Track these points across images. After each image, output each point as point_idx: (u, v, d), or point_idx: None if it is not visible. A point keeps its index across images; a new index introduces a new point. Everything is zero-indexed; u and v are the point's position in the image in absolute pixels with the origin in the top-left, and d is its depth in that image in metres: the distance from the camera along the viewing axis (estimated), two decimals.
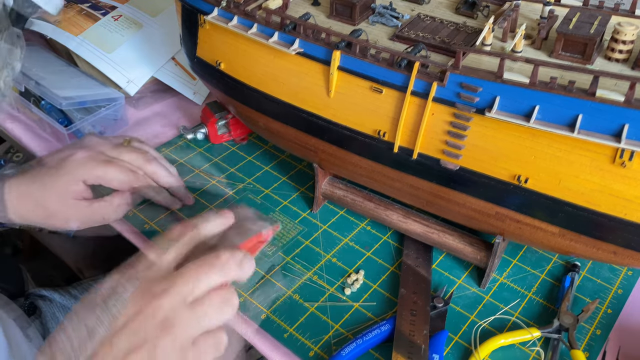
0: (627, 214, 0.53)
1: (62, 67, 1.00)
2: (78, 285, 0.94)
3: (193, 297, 0.46)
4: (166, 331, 0.45)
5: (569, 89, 0.52)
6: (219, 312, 0.47)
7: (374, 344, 0.62)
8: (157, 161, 0.75)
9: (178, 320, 0.45)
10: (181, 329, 0.45)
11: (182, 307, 0.46)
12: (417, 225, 0.71)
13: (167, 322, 0.45)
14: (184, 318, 0.46)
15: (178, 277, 0.47)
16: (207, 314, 0.47)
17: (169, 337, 0.45)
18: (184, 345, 0.45)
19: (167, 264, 0.48)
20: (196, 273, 0.47)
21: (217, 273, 0.48)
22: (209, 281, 0.47)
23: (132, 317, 0.45)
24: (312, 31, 0.64)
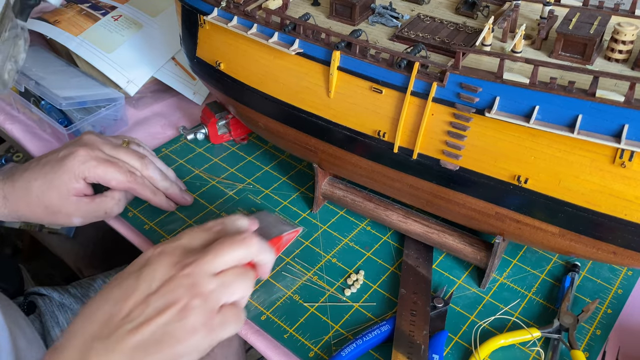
0: (627, 214, 0.53)
1: (62, 67, 1.00)
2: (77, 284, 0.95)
3: (219, 269, 0.51)
4: (196, 294, 0.49)
5: (569, 89, 0.52)
6: (241, 285, 0.52)
7: (374, 345, 0.62)
8: (153, 165, 0.75)
9: (206, 286, 0.50)
10: (209, 294, 0.50)
11: (209, 275, 0.50)
12: (417, 225, 0.71)
13: (196, 287, 0.49)
14: (212, 285, 0.50)
15: (207, 251, 0.52)
16: (232, 284, 0.51)
17: (199, 299, 0.49)
18: (211, 309, 0.50)
19: (196, 244, 0.53)
20: (223, 247, 0.52)
21: (242, 249, 0.52)
22: (234, 255, 0.52)
23: (165, 282, 0.49)
24: (311, 31, 0.64)
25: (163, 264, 0.51)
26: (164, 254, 0.52)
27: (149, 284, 0.50)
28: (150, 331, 0.47)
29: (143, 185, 0.73)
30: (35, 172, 0.70)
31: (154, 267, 0.51)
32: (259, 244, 0.54)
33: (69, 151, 0.70)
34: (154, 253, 0.52)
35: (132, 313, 0.48)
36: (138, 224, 0.77)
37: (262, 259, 0.55)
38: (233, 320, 0.51)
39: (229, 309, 0.51)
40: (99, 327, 0.48)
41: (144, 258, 0.52)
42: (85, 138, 0.72)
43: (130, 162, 0.73)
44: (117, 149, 0.73)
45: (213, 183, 0.83)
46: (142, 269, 0.51)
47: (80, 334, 0.48)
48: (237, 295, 0.52)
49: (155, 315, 0.48)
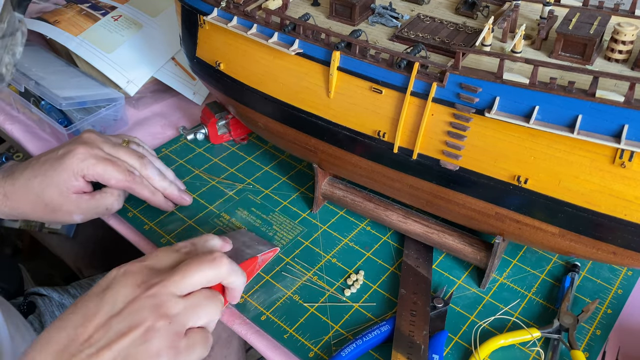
0: (627, 215, 0.53)
1: (62, 67, 1.00)
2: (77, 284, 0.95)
3: (187, 290, 0.50)
4: (162, 315, 0.47)
5: (569, 89, 0.52)
6: (208, 309, 0.50)
7: (374, 345, 0.62)
8: (152, 165, 0.75)
9: (172, 308, 0.48)
10: (175, 316, 0.48)
11: (176, 297, 0.49)
12: (417, 225, 0.71)
13: (161, 308, 0.47)
14: (178, 307, 0.48)
15: (174, 271, 0.50)
16: (199, 307, 0.50)
17: (164, 321, 0.47)
18: (177, 332, 0.48)
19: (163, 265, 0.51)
20: (191, 268, 0.50)
21: (211, 270, 0.51)
22: (203, 276, 0.50)
23: (129, 303, 0.48)
24: (311, 32, 0.64)
25: (127, 285, 0.49)
26: (128, 273, 0.50)
27: (111, 305, 0.48)
28: (112, 356, 0.45)
29: (142, 185, 0.73)
30: (35, 170, 0.70)
31: (117, 289, 0.49)
32: (229, 266, 0.52)
33: (68, 149, 0.70)
34: (117, 273, 0.50)
35: (93, 337, 0.46)
36: (138, 224, 0.77)
37: (232, 282, 0.54)
38: (200, 344, 0.49)
39: (197, 332, 0.50)
40: (56, 354, 0.46)
41: (108, 279, 0.50)
42: (85, 136, 0.72)
43: (129, 162, 0.73)
44: (116, 147, 0.73)
45: (213, 183, 0.83)
46: (105, 291, 0.49)
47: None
48: (204, 319, 0.50)
49: (117, 339, 0.46)
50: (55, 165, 0.69)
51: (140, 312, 0.47)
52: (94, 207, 0.72)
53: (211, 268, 0.51)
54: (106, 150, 0.72)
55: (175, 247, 0.55)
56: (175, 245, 0.55)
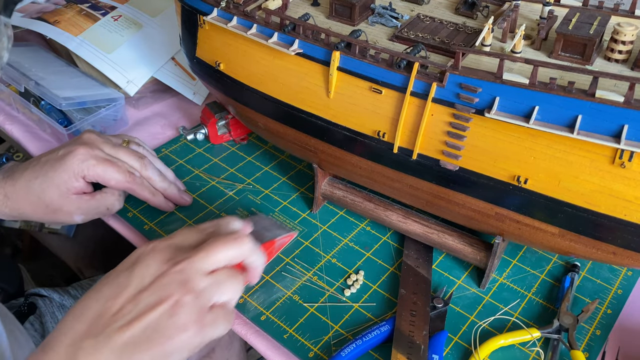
0: (627, 215, 0.53)
1: (62, 67, 1.00)
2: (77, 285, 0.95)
3: (212, 267, 0.51)
4: (188, 290, 0.49)
5: (569, 89, 0.52)
6: (232, 286, 0.52)
7: (374, 345, 0.62)
8: (152, 165, 0.75)
9: (198, 284, 0.50)
10: (201, 291, 0.50)
11: (202, 273, 0.50)
12: (416, 225, 0.71)
13: (188, 283, 0.49)
14: (204, 282, 0.50)
15: (199, 249, 0.51)
16: (223, 284, 0.51)
17: (191, 295, 0.49)
18: (203, 306, 0.50)
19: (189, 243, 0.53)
20: (215, 246, 0.52)
21: (234, 248, 0.52)
22: (226, 254, 0.52)
23: (157, 277, 0.49)
24: (311, 32, 0.64)
25: (155, 261, 0.51)
26: (156, 250, 0.52)
27: (140, 280, 0.49)
28: (141, 328, 0.47)
29: (142, 186, 0.73)
30: (35, 171, 0.70)
31: (145, 264, 0.50)
32: (251, 245, 0.54)
33: (68, 150, 0.70)
34: (145, 250, 0.52)
35: (123, 310, 0.48)
36: (138, 224, 0.77)
37: (253, 261, 0.55)
38: (223, 319, 0.51)
39: (220, 308, 0.51)
40: (87, 326, 0.47)
41: (136, 255, 0.52)
42: (85, 137, 0.72)
43: (129, 162, 0.73)
44: (116, 148, 0.73)
45: (213, 183, 0.83)
46: (133, 265, 0.51)
47: (69, 333, 0.47)
48: (228, 295, 0.52)
49: (147, 311, 0.48)
50: (55, 166, 0.69)
51: (168, 287, 0.49)
52: (94, 208, 0.72)
53: (234, 247, 0.52)
54: (106, 151, 0.72)
55: (199, 227, 0.56)
56: (199, 225, 0.57)
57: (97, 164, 0.70)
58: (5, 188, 0.70)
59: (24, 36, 1.14)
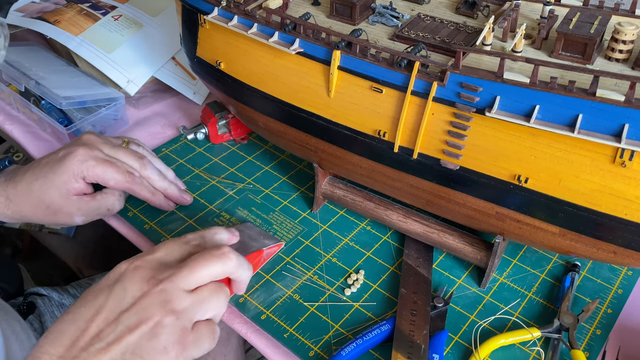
0: (628, 214, 0.53)
1: (62, 67, 1.00)
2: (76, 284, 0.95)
3: (194, 285, 0.50)
4: (170, 311, 0.48)
5: (569, 88, 0.52)
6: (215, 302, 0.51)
7: (374, 344, 0.62)
8: (152, 165, 0.75)
9: (180, 303, 0.48)
10: (183, 311, 0.49)
11: (184, 292, 0.49)
12: (417, 225, 0.71)
13: (170, 304, 0.48)
14: (186, 302, 0.49)
15: (182, 266, 0.50)
16: (206, 301, 0.50)
17: (172, 316, 0.48)
18: (184, 327, 0.49)
19: (173, 258, 0.52)
20: (199, 263, 0.51)
21: (218, 265, 0.51)
22: (211, 271, 0.51)
23: (138, 298, 0.48)
24: (312, 31, 0.64)
25: (136, 280, 0.49)
26: (137, 269, 0.50)
27: (120, 300, 0.48)
28: (120, 351, 0.46)
29: (141, 186, 0.73)
30: (35, 173, 0.70)
31: (126, 284, 0.49)
32: (237, 260, 0.53)
33: (68, 151, 0.70)
34: (128, 267, 0.51)
35: (103, 332, 0.47)
36: (138, 224, 0.77)
37: (239, 276, 0.54)
38: (207, 337, 0.50)
39: (203, 326, 0.50)
40: (65, 350, 0.46)
41: (117, 272, 0.51)
42: (84, 138, 0.72)
43: (129, 163, 0.73)
44: (116, 149, 0.73)
45: (213, 183, 0.83)
46: (114, 284, 0.49)
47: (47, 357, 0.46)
48: (212, 312, 0.51)
49: (126, 333, 0.46)
50: (55, 168, 0.69)
51: (149, 308, 0.48)
52: (95, 208, 0.72)
53: (219, 263, 0.52)
54: (106, 152, 0.72)
55: (184, 239, 0.55)
56: (184, 237, 0.55)
57: (97, 164, 0.70)
58: (7, 191, 0.70)
59: (24, 36, 1.14)
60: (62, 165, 0.69)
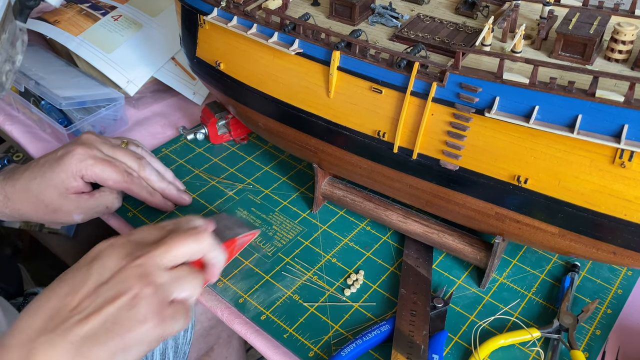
0: (627, 215, 0.53)
1: (62, 67, 1.00)
2: None
3: (171, 263, 0.51)
4: (148, 283, 0.49)
5: (569, 89, 0.52)
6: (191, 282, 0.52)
7: (374, 345, 0.62)
8: (150, 166, 0.75)
9: (158, 278, 0.50)
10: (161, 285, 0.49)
11: (161, 268, 0.50)
12: (416, 225, 0.71)
13: (148, 277, 0.49)
14: (164, 277, 0.50)
15: (159, 244, 0.51)
16: (183, 279, 0.51)
17: (151, 288, 0.49)
18: (162, 300, 0.49)
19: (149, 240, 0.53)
20: (175, 241, 0.52)
21: (194, 243, 0.53)
22: (186, 249, 0.52)
23: (116, 272, 0.49)
24: (311, 31, 0.64)
25: (114, 256, 0.50)
26: (114, 246, 0.51)
27: (99, 275, 0.49)
28: (100, 321, 0.47)
29: (140, 186, 0.73)
30: (34, 172, 0.70)
31: (104, 259, 0.50)
32: (211, 241, 0.54)
33: (66, 150, 0.70)
34: (103, 246, 0.52)
35: (81, 304, 0.48)
36: (138, 224, 0.77)
37: (213, 257, 0.55)
38: (183, 314, 0.51)
39: (180, 304, 0.51)
40: (44, 321, 0.47)
41: (94, 252, 0.52)
42: (83, 137, 0.72)
43: (127, 163, 0.73)
44: (114, 149, 0.73)
45: (213, 183, 0.83)
46: (92, 262, 0.51)
47: (24, 330, 0.47)
48: (187, 292, 0.52)
49: (105, 305, 0.47)
50: (54, 167, 0.69)
51: (128, 281, 0.49)
52: (93, 207, 0.73)
53: (194, 242, 0.53)
54: (104, 152, 0.72)
55: (159, 225, 0.56)
56: (159, 223, 0.56)
57: (95, 163, 0.70)
58: (5, 189, 0.71)
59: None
60: (61, 164, 0.69)
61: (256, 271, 0.70)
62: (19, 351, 0.45)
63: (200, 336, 0.90)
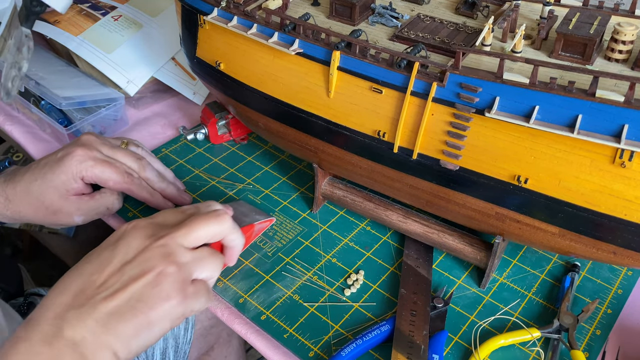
0: (627, 214, 0.53)
1: (62, 67, 1.00)
2: None
3: (193, 243, 0.53)
4: (171, 262, 0.50)
5: (569, 89, 0.52)
6: (212, 263, 0.54)
7: (374, 345, 0.62)
8: (151, 166, 0.75)
9: (180, 257, 0.51)
10: (184, 264, 0.51)
11: (183, 248, 0.52)
12: (417, 225, 0.71)
13: (171, 256, 0.51)
14: (186, 257, 0.52)
15: (181, 225, 0.53)
16: (204, 260, 0.53)
17: (174, 266, 0.50)
18: (185, 279, 0.51)
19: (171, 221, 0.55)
20: (196, 221, 0.53)
21: (215, 225, 0.54)
22: (207, 230, 0.54)
23: (140, 251, 0.51)
24: (311, 31, 0.64)
25: (137, 237, 0.52)
26: (137, 228, 0.53)
27: (123, 255, 0.51)
28: (125, 298, 0.48)
29: (140, 187, 0.73)
30: (35, 174, 0.70)
31: (129, 240, 0.52)
32: (231, 222, 0.56)
33: (66, 151, 0.70)
34: (127, 228, 0.53)
35: (108, 282, 0.49)
36: None
37: (232, 239, 0.57)
38: (205, 293, 0.53)
39: (201, 283, 0.53)
40: (72, 298, 0.48)
41: (118, 233, 0.53)
42: (83, 138, 0.72)
43: (127, 163, 0.73)
44: (114, 149, 0.73)
45: (213, 183, 0.83)
46: (116, 242, 0.52)
47: (52, 307, 0.48)
48: (208, 272, 0.53)
49: (131, 282, 0.49)
50: (54, 168, 0.69)
51: (152, 259, 0.50)
52: (94, 208, 0.73)
53: (215, 223, 0.54)
54: (104, 152, 0.72)
55: (180, 209, 0.58)
56: (180, 207, 0.58)
57: (95, 165, 0.70)
58: (6, 191, 0.71)
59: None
60: (61, 166, 0.69)
61: (256, 271, 0.70)
62: (48, 326, 0.47)
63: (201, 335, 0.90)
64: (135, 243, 0.52)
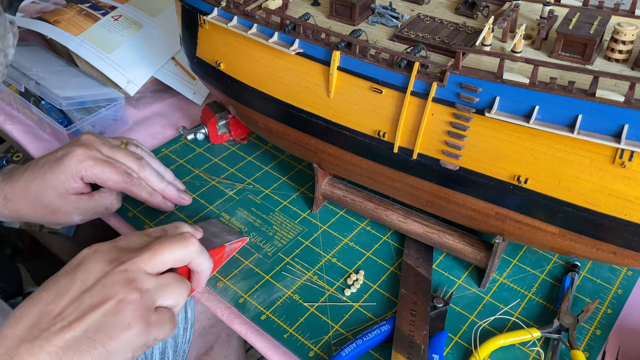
0: (627, 214, 0.53)
1: (62, 67, 1.00)
2: None
3: (157, 268, 0.50)
4: (133, 289, 0.48)
5: (569, 89, 0.52)
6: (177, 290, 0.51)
7: (374, 345, 0.62)
8: (150, 166, 0.75)
9: (144, 284, 0.48)
10: (147, 291, 0.49)
11: (147, 274, 0.49)
12: (417, 225, 0.71)
13: (134, 283, 0.48)
14: (149, 283, 0.49)
15: (145, 249, 0.50)
16: (168, 287, 0.50)
17: (137, 293, 0.48)
18: (149, 306, 0.48)
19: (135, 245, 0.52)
20: (161, 246, 0.51)
21: (180, 249, 0.52)
22: (172, 255, 0.51)
23: (101, 277, 0.48)
24: (311, 31, 0.64)
25: (99, 261, 0.49)
26: (99, 252, 0.50)
27: (83, 281, 0.48)
28: (83, 328, 0.46)
29: (139, 187, 0.73)
30: (34, 173, 0.70)
31: (89, 265, 0.49)
32: (198, 246, 0.53)
33: (66, 151, 0.70)
34: (88, 252, 0.51)
35: (65, 311, 0.46)
36: (138, 224, 0.77)
37: (199, 264, 0.54)
38: (169, 322, 0.50)
39: (165, 311, 0.50)
40: (25, 331, 0.46)
41: (79, 258, 0.51)
42: (83, 138, 0.72)
43: (127, 163, 0.73)
44: (114, 149, 0.73)
45: (213, 183, 0.83)
46: (76, 268, 0.49)
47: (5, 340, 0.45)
48: (173, 299, 0.51)
49: (90, 311, 0.46)
50: (53, 167, 0.69)
51: (112, 286, 0.48)
52: (93, 208, 0.72)
53: (181, 247, 0.52)
54: (104, 152, 0.72)
55: (146, 232, 0.55)
56: (146, 230, 0.56)
57: (95, 164, 0.70)
58: (4, 190, 0.70)
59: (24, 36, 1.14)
60: (60, 165, 0.69)
61: (256, 271, 0.70)
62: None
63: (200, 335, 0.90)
64: (95, 269, 0.49)
